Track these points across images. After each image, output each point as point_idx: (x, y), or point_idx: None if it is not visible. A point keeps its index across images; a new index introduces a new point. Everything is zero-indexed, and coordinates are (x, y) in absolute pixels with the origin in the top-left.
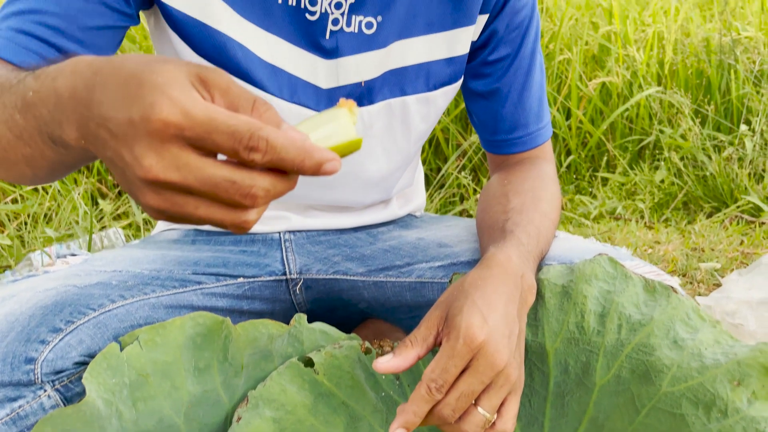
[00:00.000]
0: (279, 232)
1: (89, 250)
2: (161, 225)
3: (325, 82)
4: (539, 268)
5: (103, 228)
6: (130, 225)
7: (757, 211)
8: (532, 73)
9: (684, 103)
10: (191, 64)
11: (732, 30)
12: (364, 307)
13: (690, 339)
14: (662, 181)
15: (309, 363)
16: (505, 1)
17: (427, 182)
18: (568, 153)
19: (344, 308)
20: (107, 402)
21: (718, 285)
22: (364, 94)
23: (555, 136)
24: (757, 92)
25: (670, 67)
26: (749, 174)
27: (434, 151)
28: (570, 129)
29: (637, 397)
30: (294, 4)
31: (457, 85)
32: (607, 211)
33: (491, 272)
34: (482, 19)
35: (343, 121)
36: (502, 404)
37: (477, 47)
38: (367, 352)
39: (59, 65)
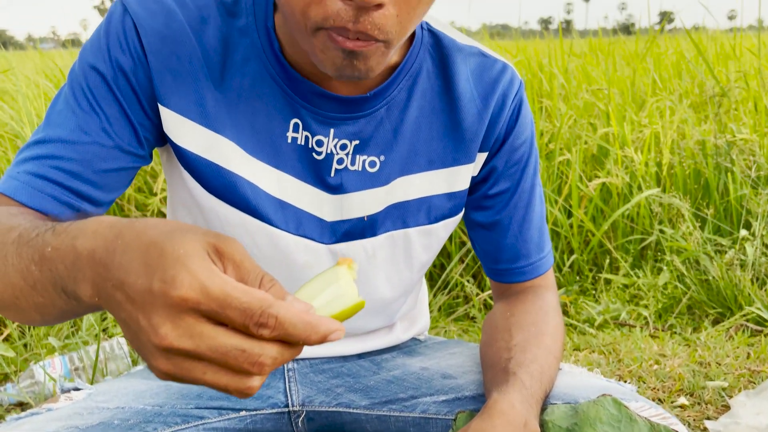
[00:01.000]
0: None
1: (94, 369)
2: None
3: (329, 216)
4: (543, 408)
5: (105, 330)
6: None
7: (762, 319)
8: (533, 205)
9: (683, 206)
10: (209, 234)
11: (727, 132)
12: None
13: None
14: (665, 286)
15: None
16: (503, 140)
17: (431, 281)
18: (571, 252)
19: None
20: None
21: (726, 406)
22: (367, 227)
23: (557, 234)
24: (756, 195)
25: (669, 168)
26: (752, 279)
27: None
28: (571, 228)
29: None
30: (303, 143)
31: (458, 218)
32: (611, 317)
33: (494, 423)
34: (482, 157)
35: (344, 281)
36: None
37: (477, 182)
38: None
39: (80, 224)
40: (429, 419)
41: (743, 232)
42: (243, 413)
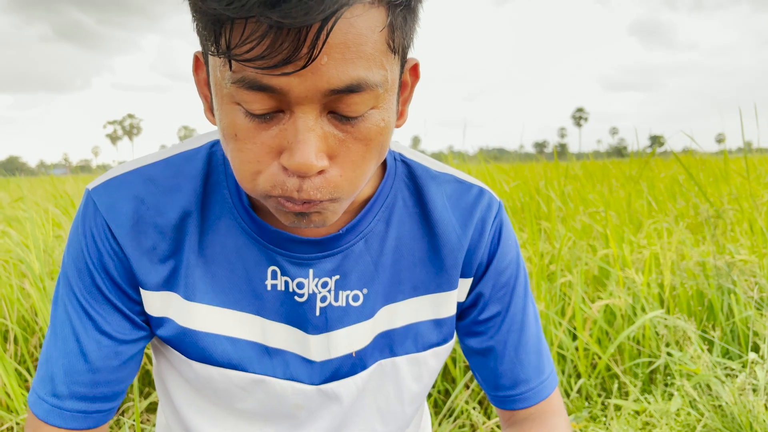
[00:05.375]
0: None
1: None
2: None
3: (317, 356)
4: None
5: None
6: None
7: None
8: (526, 327)
9: (688, 328)
10: None
11: (725, 253)
12: None
13: None
14: (678, 412)
15: None
16: (487, 264)
17: (435, 407)
18: (578, 376)
19: None
20: None
21: None
22: (357, 363)
23: (563, 358)
24: (761, 316)
25: (671, 290)
26: (765, 404)
27: (442, 373)
28: (577, 350)
29: None
30: (283, 288)
31: (448, 347)
32: None
33: None
34: (466, 283)
35: None
36: None
37: (466, 307)
38: None
39: None
40: None
41: (752, 356)
42: None
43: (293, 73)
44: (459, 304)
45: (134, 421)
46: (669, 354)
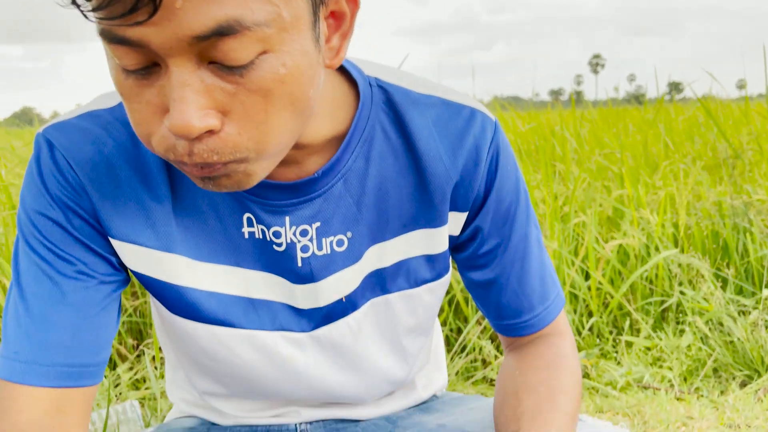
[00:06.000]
0: (295, 423)
1: (105, 426)
2: (175, 410)
3: (305, 304)
4: None
5: (120, 394)
6: (144, 398)
7: None
8: (529, 256)
9: (703, 266)
10: None
11: (743, 193)
12: None
13: None
14: (689, 347)
15: None
16: (485, 196)
17: (448, 344)
18: (590, 314)
19: None
20: None
21: None
22: (347, 306)
23: (575, 297)
24: None
25: (686, 229)
26: None
27: (454, 312)
28: (589, 290)
29: None
30: (260, 237)
31: (443, 282)
32: (634, 379)
33: None
34: (460, 217)
35: None
36: None
37: (464, 241)
38: None
39: None
40: None
41: (766, 292)
42: None
43: (146, 21)
44: (452, 238)
45: (154, 352)
46: (682, 293)
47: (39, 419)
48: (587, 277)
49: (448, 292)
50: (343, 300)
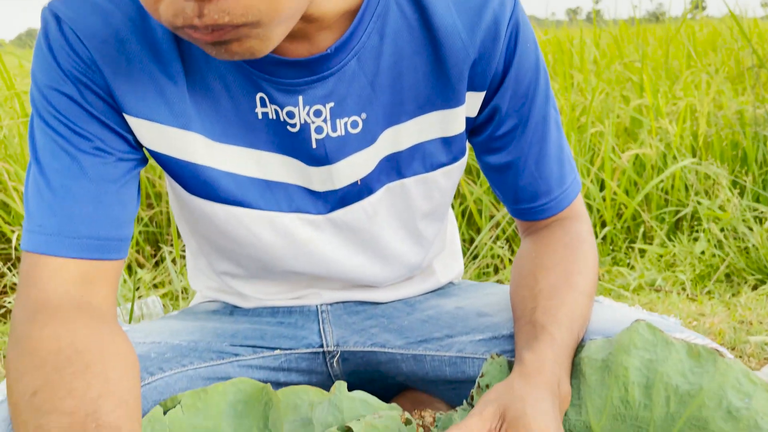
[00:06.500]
0: (316, 305)
1: (130, 319)
2: (199, 297)
3: (320, 187)
4: (581, 346)
5: (141, 297)
6: (166, 295)
7: None
8: (548, 138)
9: (721, 174)
10: None
11: (765, 102)
12: (402, 380)
13: (744, 408)
14: (703, 253)
15: None
16: (503, 74)
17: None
18: (603, 225)
19: (382, 380)
20: None
21: None
22: (363, 190)
23: (589, 207)
24: None
25: (705, 139)
26: None
27: (467, 222)
28: (604, 200)
29: None
30: (274, 117)
31: (459, 165)
32: (646, 282)
33: (532, 381)
34: (477, 97)
35: None
36: None
37: (481, 123)
38: (408, 423)
39: None
40: (465, 358)
41: None
42: (277, 352)
43: None
44: (469, 120)
45: (173, 248)
46: (698, 203)
47: (68, 288)
48: (602, 188)
49: (460, 204)
50: (359, 183)
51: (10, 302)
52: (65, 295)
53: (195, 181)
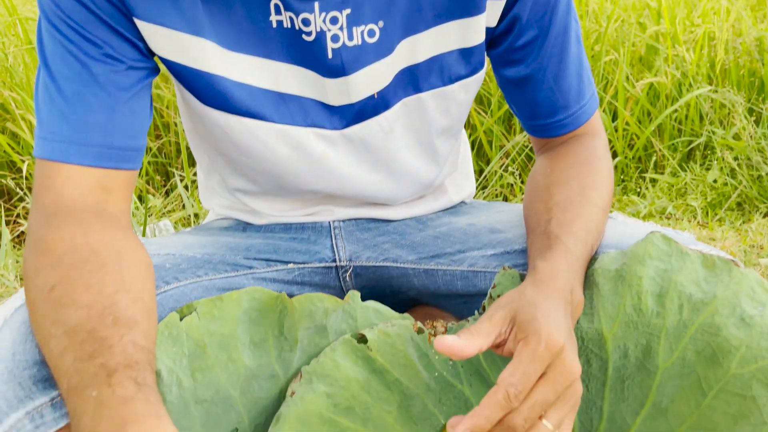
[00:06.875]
0: (329, 222)
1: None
2: (211, 215)
3: (336, 100)
4: (594, 258)
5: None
6: (178, 221)
7: None
8: (567, 51)
9: (737, 101)
10: None
11: None
12: (414, 295)
13: (758, 315)
14: (715, 181)
15: (362, 340)
16: None
17: None
18: (615, 155)
19: (394, 295)
20: (169, 370)
21: None
22: (379, 104)
23: None
24: None
25: (722, 66)
26: None
27: (477, 153)
28: (616, 131)
29: (704, 380)
30: (289, 26)
31: (478, 77)
32: (657, 210)
33: (545, 288)
34: (497, 5)
35: None
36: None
37: (500, 33)
38: (420, 332)
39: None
40: (477, 272)
41: None
42: (291, 265)
43: None
44: (489, 30)
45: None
46: (712, 132)
47: (83, 195)
48: (614, 118)
49: (470, 134)
50: (375, 97)
51: (23, 231)
52: (81, 201)
53: (208, 91)
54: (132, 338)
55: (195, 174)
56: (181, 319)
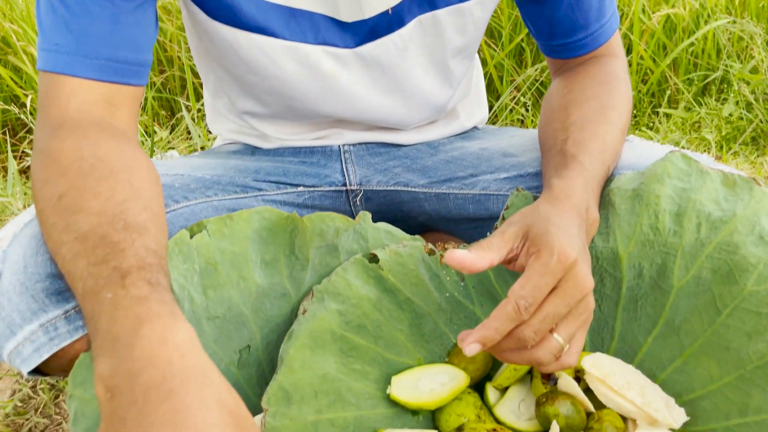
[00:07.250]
0: (339, 145)
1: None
2: (219, 140)
3: (349, 16)
4: (611, 179)
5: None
6: (185, 151)
7: None
8: None
9: (756, 32)
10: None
11: None
12: (424, 220)
13: None
14: (730, 115)
15: (373, 260)
16: None
17: None
18: None
19: (404, 221)
20: (181, 286)
21: None
22: (393, 21)
23: None
24: None
25: None
26: None
27: (487, 88)
28: (630, 65)
29: (719, 298)
30: None
31: None
32: (670, 143)
33: (552, 212)
34: None
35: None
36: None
37: None
38: (431, 253)
39: (147, 324)
40: (489, 195)
41: None
42: (301, 189)
43: None
44: None
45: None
46: (729, 66)
47: (89, 109)
48: (629, 51)
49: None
50: (389, 13)
51: (28, 166)
52: (86, 114)
53: (216, 2)
54: (144, 242)
55: (202, 105)
56: (191, 237)
